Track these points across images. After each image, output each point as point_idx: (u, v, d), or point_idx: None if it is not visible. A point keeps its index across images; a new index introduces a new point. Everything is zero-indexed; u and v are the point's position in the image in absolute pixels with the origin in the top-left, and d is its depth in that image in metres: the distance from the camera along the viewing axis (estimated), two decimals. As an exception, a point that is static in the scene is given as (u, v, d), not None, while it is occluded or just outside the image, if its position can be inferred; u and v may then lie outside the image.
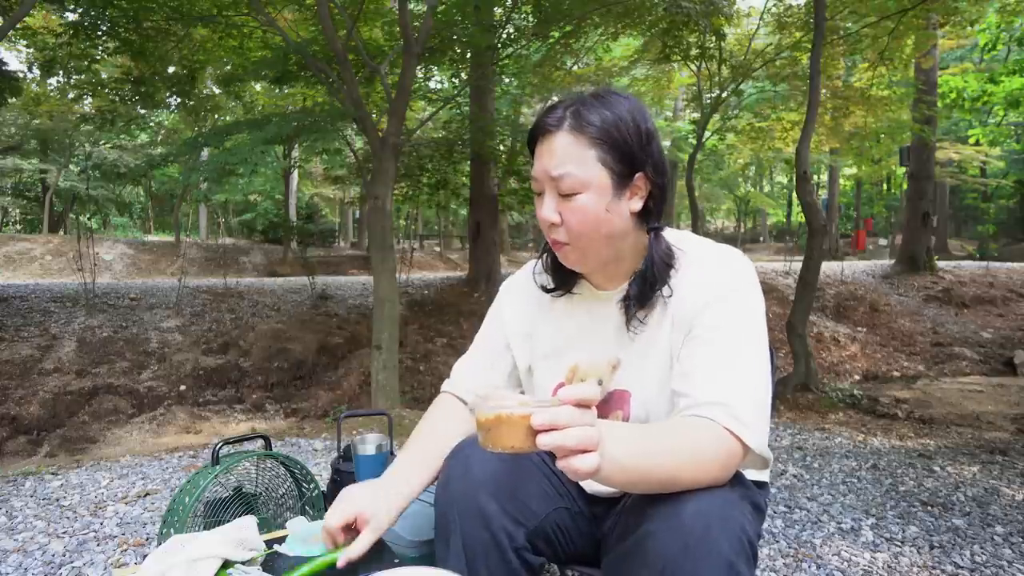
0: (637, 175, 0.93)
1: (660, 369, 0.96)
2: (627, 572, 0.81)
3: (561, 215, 0.92)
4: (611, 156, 0.90)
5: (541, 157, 0.93)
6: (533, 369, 1.10)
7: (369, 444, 1.41)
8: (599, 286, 1.04)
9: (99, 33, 6.17)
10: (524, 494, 0.94)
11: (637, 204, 0.94)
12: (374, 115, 7.14)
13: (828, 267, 10.13)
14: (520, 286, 1.14)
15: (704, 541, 0.75)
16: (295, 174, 17.57)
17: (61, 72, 7.01)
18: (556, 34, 7.52)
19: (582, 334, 1.05)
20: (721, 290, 0.92)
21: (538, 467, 1.00)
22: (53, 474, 3.05)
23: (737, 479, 0.86)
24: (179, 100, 8.87)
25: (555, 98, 11.55)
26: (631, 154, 0.91)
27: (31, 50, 7.03)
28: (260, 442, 1.50)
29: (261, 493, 1.41)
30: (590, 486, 1.05)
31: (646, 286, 0.95)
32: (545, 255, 1.09)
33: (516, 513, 0.92)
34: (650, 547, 0.77)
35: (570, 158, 0.90)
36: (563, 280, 1.06)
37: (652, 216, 0.97)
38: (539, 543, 0.95)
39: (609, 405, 1.01)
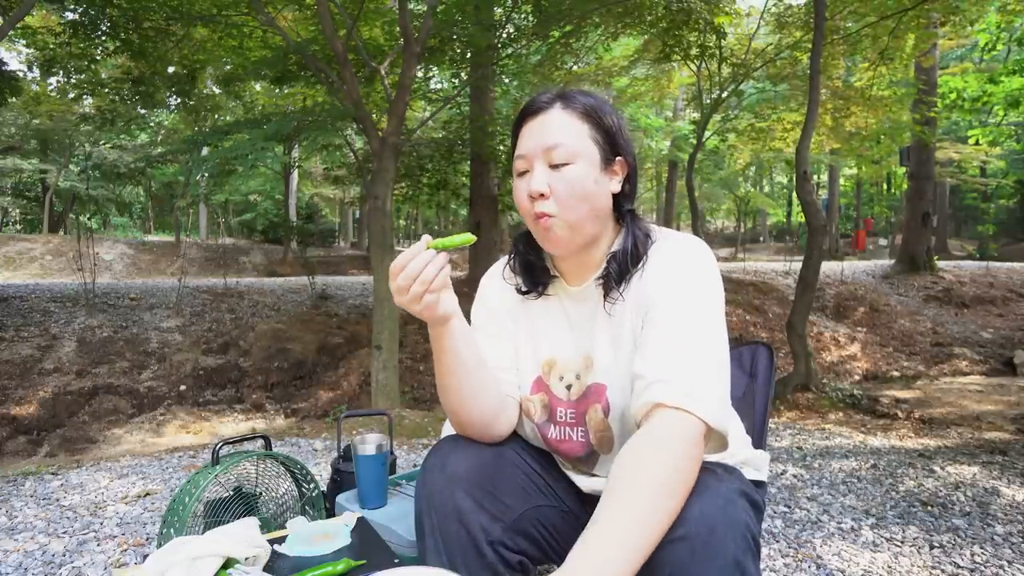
0: (618, 158, 0.98)
1: (629, 358, 0.97)
2: None
3: (551, 187, 0.93)
4: (599, 134, 0.96)
5: (531, 135, 0.97)
6: (516, 358, 1.09)
7: (369, 444, 1.41)
8: (571, 281, 1.05)
9: (99, 33, 6.17)
10: (501, 490, 0.95)
11: (616, 186, 0.99)
12: (374, 115, 7.15)
13: (828, 267, 10.14)
14: (499, 278, 1.13)
15: (710, 544, 0.75)
16: (295, 174, 17.57)
17: (61, 72, 7.00)
18: (556, 34, 7.52)
19: (557, 330, 1.05)
20: (672, 275, 0.94)
21: (518, 465, 1.01)
22: (53, 474, 3.05)
23: (735, 476, 0.86)
24: (179, 100, 8.87)
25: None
26: (614, 136, 0.97)
27: (31, 50, 7.02)
28: (260, 442, 1.50)
29: (261, 493, 1.41)
30: (586, 485, 1.05)
31: (627, 260, 0.97)
32: (513, 259, 1.09)
33: (493, 509, 0.93)
34: (657, 556, 0.76)
35: (564, 130, 0.94)
36: (535, 281, 1.06)
37: (627, 200, 1.01)
38: (520, 540, 0.96)
39: (587, 400, 1.02)
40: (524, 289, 1.07)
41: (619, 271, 0.97)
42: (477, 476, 0.94)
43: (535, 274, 1.06)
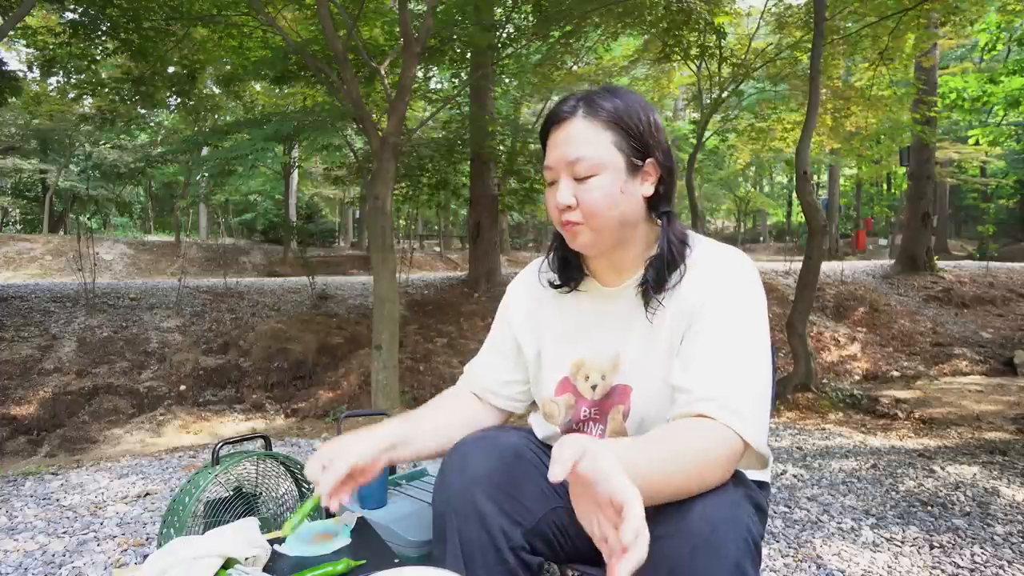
0: (648, 160, 0.96)
1: (661, 364, 0.97)
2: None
3: (577, 198, 0.93)
4: (624, 140, 0.93)
5: (556, 145, 0.95)
6: (540, 361, 1.11)
7: (369, 444, 1.40)
8: (605, 281, 1.05)
9: (99, 33, 6.17)
10: (521, 493, 0.94)
11: (648, 189, 0.97)
12: (374, 115, 7.15)
13: (828, 267, 10.13)
14: (527, 282, 1.15)
15: (711, 543, 0.75)
16: (295, 174, 17.57)
17: (61, 72, 7.00)
18: (556, 34, 7.52)
19: (587, 329, 1.05)
20: (722, 287, 0.93)
21: (536, 466, 1.00)
22: (53, 474, 3.05)
23: (739, 479, 0.86)
24: (179, 100, 8.87)
25: (555, 98, 11.59)
26: (642, 139, 0.95)
27: (31, 50, 7.01)
28: (260, 442, 1.50)
29: (261, 493, 1.41)
30: None
31: (663, 267, 0.96)
32: (551, 253, 1.10)
33: (513, 512, 0.92)
34: (656, 551, 0.76)
35: (586, 142, 0.92)
36: (569, 276, 1.07)
37: (663, 202, 0.99)
38: (537, 542, 0.95)
39: (611, 400, 1.01)
40: (557, 283, 1.08)
41: (657, 278, 0.96)
42: (497, 478, 0.93)
43: (569, 271, 1.07)
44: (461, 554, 0.90)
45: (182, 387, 5.80)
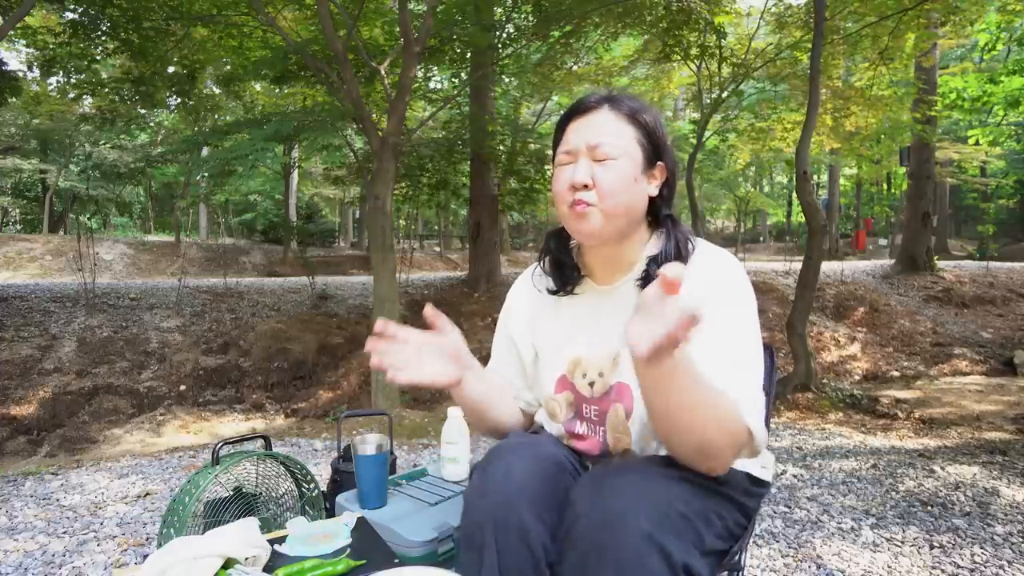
0: (659, 162, 1.02)
1: None
2: (565, 561, 0.83)
3: (593, 179, 0.97)
4: (644, 137, 1.00)
5: (579, 130, 1.00)
6: (538, 362, 1.12)
7: (369, 444, 1.40)
8: (600, 280, 1.07)
9: (99, 33, 6.17)
10: (561, 503, 0.92)
11: (654, 190, 1.02)
12: (374, 115, 7.15)
13: (828, 267, 10.13)
14: (525, 285, 1.19)
15: (620, 515, 0.77)
16: (295, 174, 17.56)
17: (61, 72, 6.99)
18: (556, 34, 7.52)
19: (584, 328, 1.07)
20: (720, 286, 0.95)
21: (571, 473, 0.99)
22: (53, 474, 3.05)
23: (672, 465, 0.89)
24: (179, 100, 8.86)
25: (555, 98, 11.58)
26: (657, 140, 1.01)
27: (31, 50, 7.01)
28: (260, 442, 1.50)
29: (261, 493, 1.41)
30: None
31: (667, 263, 0.96)
32: (543, 258, 1.12)
33: (553, 524, 0.90)
34: (577, 530, 0.81)
35: (610, 130, 0.98)
36: (564, 280, 1.09)
37: (664, 205, 1.04)
38: None
39: (610, 397, 1.02)
40: (553, 288, 1.10)
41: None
42: (540, 490, 0.90)
43: (564, 272, 1.09)
44: (498, 566, 0.86)
45: (182, 387, 5.80)
